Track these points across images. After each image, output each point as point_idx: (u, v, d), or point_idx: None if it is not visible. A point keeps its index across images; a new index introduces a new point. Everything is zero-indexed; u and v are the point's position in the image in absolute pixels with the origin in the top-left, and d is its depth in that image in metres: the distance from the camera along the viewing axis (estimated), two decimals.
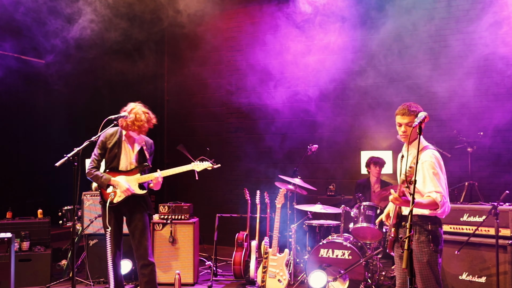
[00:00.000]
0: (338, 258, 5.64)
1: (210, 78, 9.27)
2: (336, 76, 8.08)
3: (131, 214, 4.87)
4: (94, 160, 4.85)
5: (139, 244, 4.83)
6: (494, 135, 6.79)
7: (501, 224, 5.03)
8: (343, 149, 8.15)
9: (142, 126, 4.75)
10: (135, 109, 4.76)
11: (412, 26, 7.55)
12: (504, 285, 4.96)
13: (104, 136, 4.85)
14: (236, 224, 8.11)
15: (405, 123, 3.67)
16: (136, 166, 4.87)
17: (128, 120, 4.71)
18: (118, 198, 4.78)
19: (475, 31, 7.11)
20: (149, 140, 5.05)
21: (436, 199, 3.44)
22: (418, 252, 3.57)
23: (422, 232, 3.59)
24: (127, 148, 4.88)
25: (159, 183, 4.86)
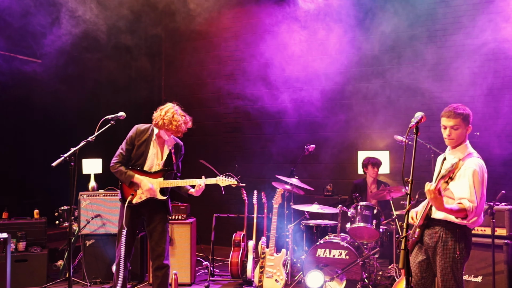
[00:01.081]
0: (335, 258, 5.64)
1: (208, 78, 9.27)
2: (334, 76, 8.08)
3: (150, 215, 4.78)
4: (120, 155, 4.69)
5: (156, 245, 4.75)
6: (490, 135, 6.80)
7: (497, 223, 5.05)
8: (340, 149, 8.16)
9: (179, 127, 4.61)
10: (172, 109, 4.65)
11: (410, 27, 7.56)
12: (500, 284, 4.99)
13: (134, 132, 4.73)
14: (233, 224, 8.11)
15: (451, 126, 3.55)
16: (161, 169, 4.74)
17: (165, 119, 4.56)
18: (138, 199, 4.68)
19: (473, 32, 7.12)
20: (179, 143, 4.92)
21: (467, 208, 3.32)
22: (442, 257, 3.50)
23: (449, 239, 3.50)
24: (156, 148, 4.74)
25: (201, 190, 4.73)
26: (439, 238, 3.52)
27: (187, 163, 5.54)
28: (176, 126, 4.58)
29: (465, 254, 3.51)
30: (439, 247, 3.52)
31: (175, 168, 4.83)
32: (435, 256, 3.55)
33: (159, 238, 4.76)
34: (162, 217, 4.79)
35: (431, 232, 3.58)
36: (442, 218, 3.52)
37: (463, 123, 3.56)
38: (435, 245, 3.54)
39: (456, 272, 3.48)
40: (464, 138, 3.60)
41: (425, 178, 3.72)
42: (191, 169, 5.66)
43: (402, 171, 3.22)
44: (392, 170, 7.46)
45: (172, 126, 4.57)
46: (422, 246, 3.66)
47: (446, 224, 3.53)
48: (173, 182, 4.75)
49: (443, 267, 3.50)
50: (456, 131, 3.55)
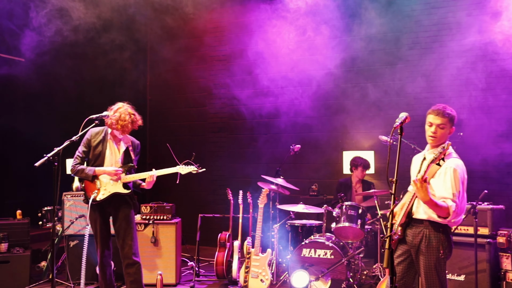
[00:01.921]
0: (321, 258, 5.66)
1: (193, 78, 9.23)
2: (320, 77, 8.11)
3: (116, 213, 4.84)
4: (78, 157, 4.80)
5: (123, 243, 4.79)
6: (472, 135, 6.88)
7: (479, 223, 5.12)
8: (326, 149, 8.19)
9: (125, 126, 4.70)
10: (121, 109, 4.73)
11: (394, 27, 7.62)
12: (482, 282, 5.05)
13: (89, 134, 4.82)
14: (219, 224, 8.10)
15: (437, 124, 3.60)
16: (121, 166, 4.84)
17: (113, 119, 4.67)
18: (102, 196, 4.75)
19: (457, 34, 7.21)
20: (135, 141, 5.03)
21: (450, 208, 3.40)
22: (426, 256, 3.54)
23: (433, 238, 3.55)
24: (112, 147, 4.85)
25: (152, 182, 4.84)
26: (423, 238, 3.56)
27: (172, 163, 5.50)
28: (122, 126, 4.69)
29: (448, 252, 3.57)
30: (423, 246, 3.56)
31: (135, 164, 4.94)
32: (418, 256, 3.59)
33: (125, 235, 4.80)
34: (127, 212, 4.84)
35: (414, 232, 3.63)
36: (426, 218, 3.58)
37: (449, 123, 3.63)
38: (419, 244, 3.58)
39: (440, 270, 3.54)
40: (445, 139, 3.66)
41: (410, 178, 3.76)
42: None
43: (387, 171, 3.25)
44: (377, 170, 7.51)
45: (118, 125, 4.68)
46: (404, 245, 3.70)
47: (429, 223, 3.58)
48: (134, 176, 4.86)
49: (427, 266, 3.54)
50: (442, 130, 3.61)
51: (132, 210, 4.91)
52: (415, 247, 3.60)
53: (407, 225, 3.67)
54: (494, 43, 6.85)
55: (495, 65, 6.95)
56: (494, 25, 6.73)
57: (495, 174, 6.69)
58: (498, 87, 6.92)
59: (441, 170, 3.51)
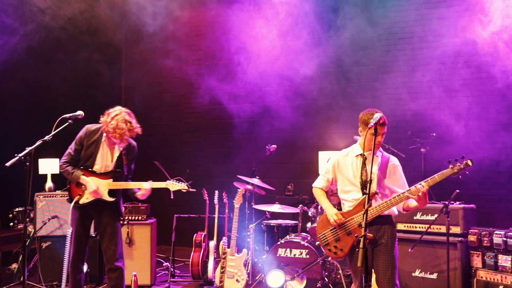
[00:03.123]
0: (296, 258, 5.69)
1: (169, 77, 9.17)
2: (296, 77, 8.15)
3: (99, 217, 4.73)
4: (69, 155, 4.66)
5: (106, 247, 4.70)
6: (445, 135, 7.01)
7: (451, 222, 5.21)
8: (302, 149, 8.23)
9: (123, 135, 4.52)
10: (118, 116, 4.55)
11: (373, 33, 7.69)
12: (454, 280, 5.14)
13: (84, 132, 4.68)
14: (194, 224, 8.07)
15: (383, 133, 3.74)
16: (111, 170, 4.70)
17: (110, 126, 4.50)
18: (85, 199, 4.63)
19: (431, 37, 7.33)
20: (132, 143, 4.82)
21: None
22: (391, 248, 3.72)
23: (393, 230, 3.78)
24: (105, 150, 4.70)
25: (146, 194, 4.72)
26: (386, 231, 3.75)
27: (147, 163, 5.48)
28: (120, 135, 4.52)
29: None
30: (385, 238, 3.73)
31: (125, 170, 4.78)
32: (383, 247, 3.73)
33: (109, 240, 4.71)
34: (112, 218, 4.74)
35: (377, 227, 3.76)
36: (387, 214, 3.77)
37: None
38: (381, 237, 3.74)
39: (397, 258, 3.76)
40: None
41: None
42: (149, 170, 5.58)
43: (361, 171, 3.28)
44: None
45: (116, 134, 4.52)
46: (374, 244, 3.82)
47: (389, 218, 3.81)
48: (121, 184, 4.72)
49: (392, 255, 3.71)
50: (383, 137, 3.79)
51: (119, 215, 4.82)
52: (380, 242, 3.74)
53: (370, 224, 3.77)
54: (469, 46, 6.99)
55: (468, 68, 7.07)
56: (469, 28, 6.88)
57: (466, 173, 6.81)
58: (471, 90, 7.05)
59: (390, 169, 3.81)
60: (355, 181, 3.82)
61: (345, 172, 3.91)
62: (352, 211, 3.79)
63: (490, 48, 6.70)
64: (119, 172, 4.73)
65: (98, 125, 4.71)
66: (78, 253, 4.72)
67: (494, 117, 6.85)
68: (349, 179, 3.87)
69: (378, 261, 3.72)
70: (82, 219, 4.70)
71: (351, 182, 3.85)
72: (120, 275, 4.74)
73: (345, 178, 3.90)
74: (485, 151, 6.73)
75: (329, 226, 3.90)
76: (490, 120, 6.85)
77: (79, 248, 4.71)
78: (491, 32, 6.58)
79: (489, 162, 6.69)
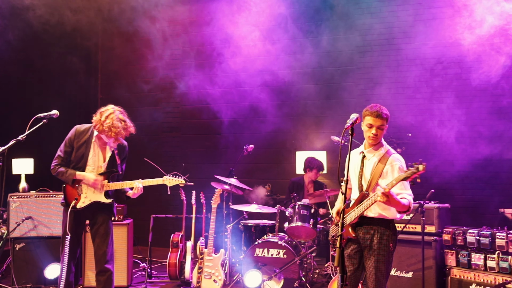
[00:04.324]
0: (273, 257, 5.70)
1: (146, 77, 9.10)
2: (274, 78, 8.17)
3: (94, 218, 4.66)
4: (59, 157, 4.55)
5: (98, 248, 4.64)
6: (421, 136, 7.11)
7: (426, 221, 5.29)
8: (279, 149, 8.26)
9: (119, 134, 4.44)
10: (112, 115, 4.46)
11: (350, 34, 7.76)
12: (429, 279, 5.22)
13: (73, 133, 4.58)
14: (171, 224, 8.02)
15: (378, 125, 3.68)
16: (104, 171, 4.61)
17: (105, 125, 4.39)
18: (82, 204, 4.56)
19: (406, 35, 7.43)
20: (123, 144, 4.75)
21: (410, 202, 3.57)
22: (378, 252, 3.66)
23: (384, 233, 3.69)
24: (96, 150, 4.60)
25: (138, 193, 4.64)
26: (374, 234, 3.69)
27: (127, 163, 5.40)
28: (115, 133, 4.43)
29: (395, 246, 3.76)
30: (375, 241, 3.68)
31: (119, 170, 4.71)
32: (370, 251, 3.70)
33: (101, 241, 4.65)
34: (105, 219, 4.68)
35: (365, 229, 3.73)
36: (376, 216, 3.70)
37: (386, 124, 3.75)
38: (371, 241, 3.69)
39: (388, 262, 3.71)
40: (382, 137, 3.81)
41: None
42: (132, 169, 5.52)
43: (338, 171, 3.31)
44: (329, 170, 7.63)
45: (111, 133, 4.42)
46: (355, 244, 3.80)
47: (379, 221, 3.71)
48: (116, 184, 4.64)
49: (378, 260, 3.67)
50: (381, 131, 3.73)
51: (111, 218, 4.75)
52: (366, 244, 3.71)
53: (357, 224, 3.76)
54: (446, 48, 7.12)
55: (445, 70, 7.19)
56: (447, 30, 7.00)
57: (441, 173, 6.92)
58: (448, 91, 7.16)
59: (387, 168, 3.68)
60: (355, 179, 3.83)
61: (351, 169, 3.85)
62: (348, 211, 3.78)
63: (468, 51, 6.82)
64: (114, 172, 4.65)
65: (87, 125, 4.63)
66: (73, 255, 4.62)
67: (470, 118, 6.96)
68: (352, 178, 3.89)
69: (367, 263, 3.72)
70: (76, 223, 4.61)
71: (353, 180, 3.88)
72: (109, 278, 4.66)
73: (352, 176, 3.90)
74: (459, 152, 6.86)
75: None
76: (466, 121, 6.96)
77: (73, 250, 4.61)
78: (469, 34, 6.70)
79: (464, 162, 6.80)
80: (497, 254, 4.82)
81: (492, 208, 6.58)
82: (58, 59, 7.99)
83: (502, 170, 6.79)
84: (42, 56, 7.90)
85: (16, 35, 7.17)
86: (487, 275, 4.87)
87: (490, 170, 6.78)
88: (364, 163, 3.78)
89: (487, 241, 4.90)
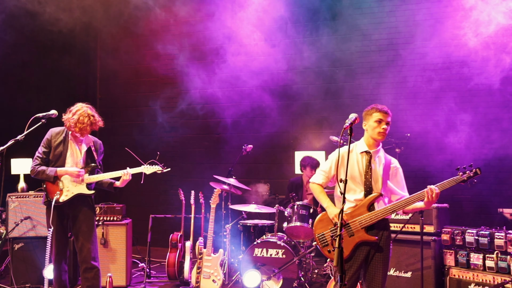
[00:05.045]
0: (272, 257, 5.70)
1: (145, 77, 9.09)
2: (273, 77, 8.17)
3: (74, 216, 4.72)
4: (38, 158, 4.68)
5: (82, 246, 4.68)
6: (420, 136, 7.11)
7: (425, 221, 5.29)
8: (278, 149, 8.26)
9: (83, 129, 4.62)
10: (80, 111, 4.63)
11: (348, 35, 7.77)
12: (428, 278, 5.22)
13: (50, 134, 4.73)
14: (170, 225, 8.01)
15: (387, 121, 3.73)
16: (83, 166, 4.75)
17: (71, 121, 4.58)
18: (65, 197, 4.65)
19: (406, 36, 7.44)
20: (97, 141, 4.95)
21: None
22: (385, 251, 3.69)
23: (389, 234, 3.77)
24: (73, 148, 4.75)
25: (127, 180, 4.81)
26: (383, 235, 3.70)
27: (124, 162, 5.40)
28: (80, 129, 4.61)
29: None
30: (383, 241, 3.70)
31: (97, 163, 4.86)
32: (379, 250, 3.68)
33: (84, 239, 4.70)
34: (87, 216, 4.75)
35: (377, 231, 3.69)
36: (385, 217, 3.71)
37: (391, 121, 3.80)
38: (380, 239, 3.69)
39: (389, 263, 3.75)
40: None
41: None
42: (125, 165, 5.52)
43: (337, 171, 3.30)
44: None
45: (76, 128, 4.60)
46: (365, 246, 3.70)
47: (386, 221, 3.76)
48: (98, 176, 4.79)
49: (385, 259, 3.69)
50: (388, 127, 3.76)
51: (94, 213, 4.83)
52: (377, 244, 3.68)
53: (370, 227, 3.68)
54: (446, 48, 7.12)
55: (444, 70, 7.21)
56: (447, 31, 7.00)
57: (440, 173, 6.93)
58: (447, 92, 7.18)
59: (392, 170, 3.77)
60: (360, 180, 3.74)
61: (349, 169, 3.68)
62: (354, 213, 3.68)
63: (466, 52, 6.83)
64: (94, 166, 4.80)
65: (61, 128, 4.78)
66: (60, 253, 4.69)
67: (468, 118, 6.97)
68: (354, 177, 3.75)
69: (375, 267, 3.66)
70: (60, 219, 4.70)
71: (356, 181, 3.74)
72: (97, 275, 4.71)
73: (349, 176, 3.69)
74: (458, 152, 6.87)
75: (329, 226, 3.78)
76: (465, 121, 6.97)
77: (60, 248, 4.69)
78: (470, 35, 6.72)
79: (462, 162, 6.79)
80: (496, 254, 4.83)
81: (491, 208, 6.59)
82: (56, 59, 7.98)
83: (501, 170, 6.80)
84: (41, 55, 7.89)
85: (14, 35, 7.16)
86: (485, 275, 4.88)
87: (489, 170, 6.78)
88: (372, 163, 3.74)
89: (486, 241, 4.90)
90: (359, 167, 3.77)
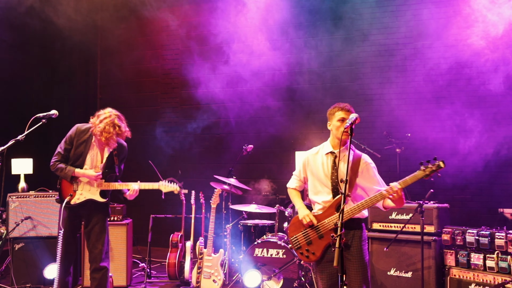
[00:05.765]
0: (273, 257, 5.70)
1: (145, 77, 9.10)
2: (273, 77, 8.17)
3: (89, 216, 4.69)
4: (59, 154, 4.59)
5: (93, 247, 4.67)
6: (420, 136, 7.11)
7: (426, 221, 5.29)
8: (278, 149, 8.25)
9: (110, 139, 4.47)
10: (106, 119, 4.49)
11: (346, 31, 7.77)
12: (428, 279, 5.22)
13: (74, 131, 4.62)
14: (171, 224, 8.00)
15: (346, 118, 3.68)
16: (101, 171, 4.64)
17: (97, 129, 4.45)
18: (76, 200, 4.59)
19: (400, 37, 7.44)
20: (123, 145, 4.79)
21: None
22: (361, 251, 3.62)
23: (362, 233, 3.68)
24: (95, 150, 4.64)
25: (134, 195, 4.71)
26: (355, 235, 3.65)
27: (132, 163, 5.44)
28: (106, 138, 4.48)
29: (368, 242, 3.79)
30: (355, 242, 3.63)
31: (117, 171, 4.75)
32: (351, 251, 3.62)
33: (96, 240, 4.68)
34: (100, 218, 4.71)
35: (346, 232, 3.61)
36: (357, 217, 3.64)
37: None
38: (351, 241, 3.64)
39: (367, 261, 3.67)
40: None
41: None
42: (130, 170, 5.53)
43: (337, 171, 3.30)
44: None
45: (102, 137, 4.48)
46: None
47: (358, 221, 3.70)
48: (113, 184, 4.68)
49: (360, 259, 3.62)
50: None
51: (107, 215, 4.80)
52: (346, 245, 3.62)
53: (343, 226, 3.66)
54: (447, 50, 7.12)
55: (443, 72, 7.20)
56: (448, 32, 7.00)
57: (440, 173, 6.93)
58: (446, 93, 7.18)
59: (362, 167, 3.67)
60: (326, 182, 3.72)
61: (315, 171, 3.78)
62: (323, 214, 3.67)
63: (469, 53, 6.84)
64: (110, 172, 4.69)
65: (88, 125, 4.65)
66: (67, 254, 4.65)
67: (468, 118, 6.96)
68: (320, 179, 3.75)
69: (349, 265, 3.61)
70: (70, 219, 4.66)
71: (322, 182, 3.73)
72: (105, 275, 4.71)
73: (316, 178, 3.78)
74: (459, 152, 6.86)
75: (301, 229, 3.78)
76: (464, 121, 6.97)
77: (67, 249, 4.64)
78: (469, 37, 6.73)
79: (463, 162, 6.80)
80: (496, 254, 4.82)
81: (491, 208, 6.58)
82: (57, 59, 7.99)
83: (501, 170, 6.79)
84: (41, 56, 7.89)
85: (14, 35, 7.16)
86: (486, 275, 4.87)
87: (489, 170, 6.78)
88: (338, 164, 3.67)
89: (486, 241, 4.90)
90: (324, 168, 3.74)
